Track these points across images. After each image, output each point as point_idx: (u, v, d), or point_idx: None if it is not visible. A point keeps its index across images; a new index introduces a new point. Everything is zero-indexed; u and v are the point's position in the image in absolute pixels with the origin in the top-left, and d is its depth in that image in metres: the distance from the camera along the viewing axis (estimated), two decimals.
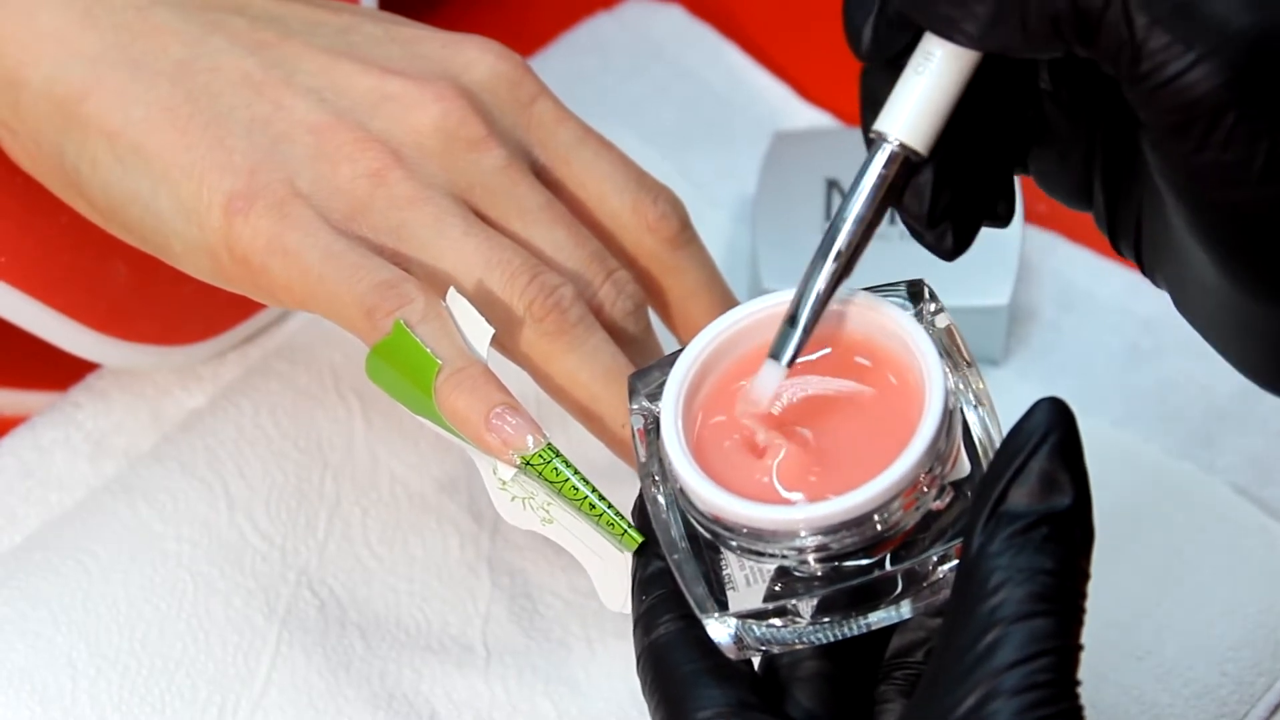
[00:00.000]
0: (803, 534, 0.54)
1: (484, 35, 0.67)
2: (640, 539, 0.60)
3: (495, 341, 0.61)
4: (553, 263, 0.64)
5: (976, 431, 0.56)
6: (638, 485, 0.68)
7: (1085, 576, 0.51)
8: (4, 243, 0.69)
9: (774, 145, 0.81)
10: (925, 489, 0.54)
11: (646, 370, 0.58)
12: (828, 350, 0.57)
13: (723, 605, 0.55)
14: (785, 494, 0.55)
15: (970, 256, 0.77)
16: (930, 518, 0.55)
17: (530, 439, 0.59)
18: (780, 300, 0.57)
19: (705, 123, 0.87)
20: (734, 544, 0.55)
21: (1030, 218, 0.81)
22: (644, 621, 0.57)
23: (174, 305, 0.73)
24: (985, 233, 0.78)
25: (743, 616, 0.55)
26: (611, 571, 0.61)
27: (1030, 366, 0.78)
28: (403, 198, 0.62)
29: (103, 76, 0.63)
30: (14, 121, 0.65)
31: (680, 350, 0.58)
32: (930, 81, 0.53)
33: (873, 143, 0.54)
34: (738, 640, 0.55)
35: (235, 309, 0.75)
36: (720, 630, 0.55)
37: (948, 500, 0.55)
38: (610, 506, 0.60)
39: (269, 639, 0.70)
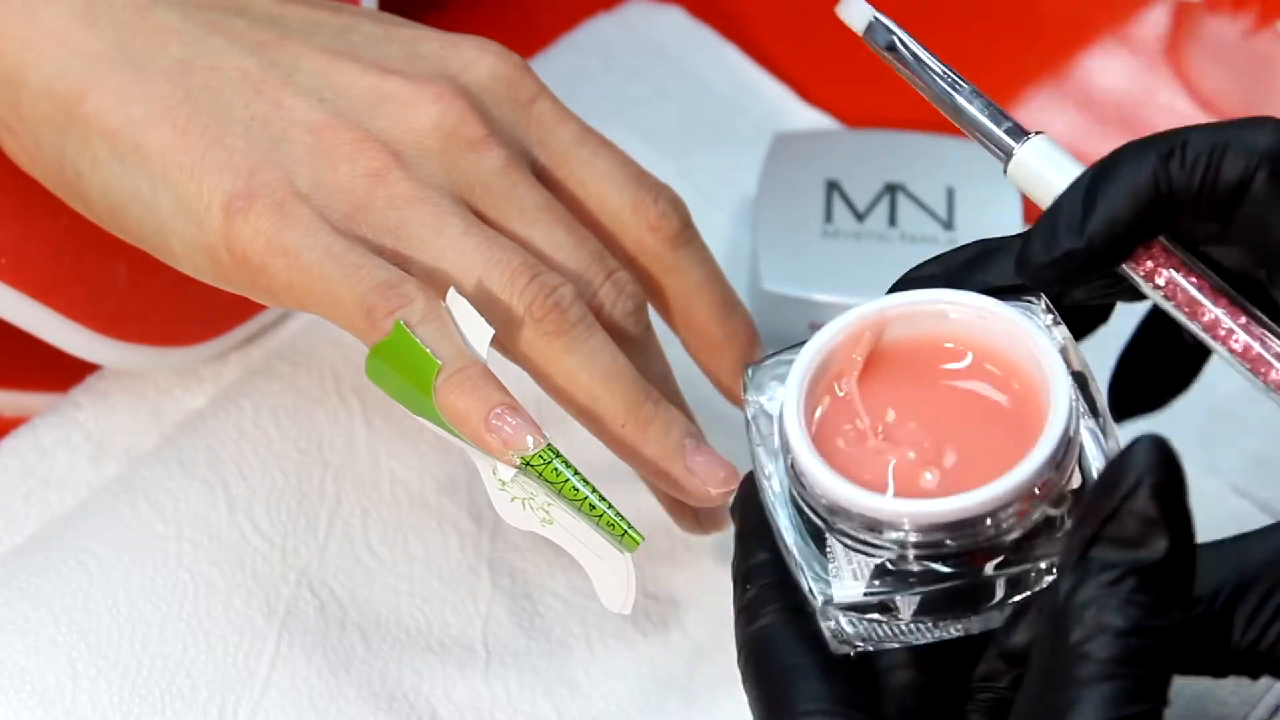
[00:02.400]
0: (913, 530, 0.54)
1: (484, 36, 0.67)
2: (641, 539, 0.60)
3: (495, 342, 0.61)
4: (552, 263, 0.64)
5: (1091, 447, 0.56)
6: (638, 485, 0.68)
7: (1172, 634, 0.49)
8: (4, 243, 0.69)
9: (774, 146, 0.81)
10: (1039, 499, 0.54)
11: (764, 360, 0.59)
12: (955, 348, 0.57)
13: (828, 597, 0.55)
14: (900, 489, 0.55)
15: None
16: (1040, 528, 0.55)
17: (530, 439, 0.59)
18: (926, 297, 0.57)
19: (706, 124, 0.87)
20: (843, 533, 0.55)
21: (1031, 219, 0.81)
22: (746, 613, 0.56)
23: (174, 306, 0.73)
24: (986, 234, 0.78)
25: (846, 609, 0.55)
26: (612, 572, 0.61)
27: None
28: (402, 197, 0.62)
29: (102, 76, 0.63)
30: (14, 121, 0.65)
31: (803, 342, 0.58)
32: None
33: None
34: (837, 634, 0.55)
35: (235, 310, 0.75)
36: (823, 622, 0.55)
37: (1060, 512, 0.55)
38: (610, 507, 0.60)
39: (269, 639, 0.70)
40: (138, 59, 0.63)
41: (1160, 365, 0.66)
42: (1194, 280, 0.58)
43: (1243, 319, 0.58)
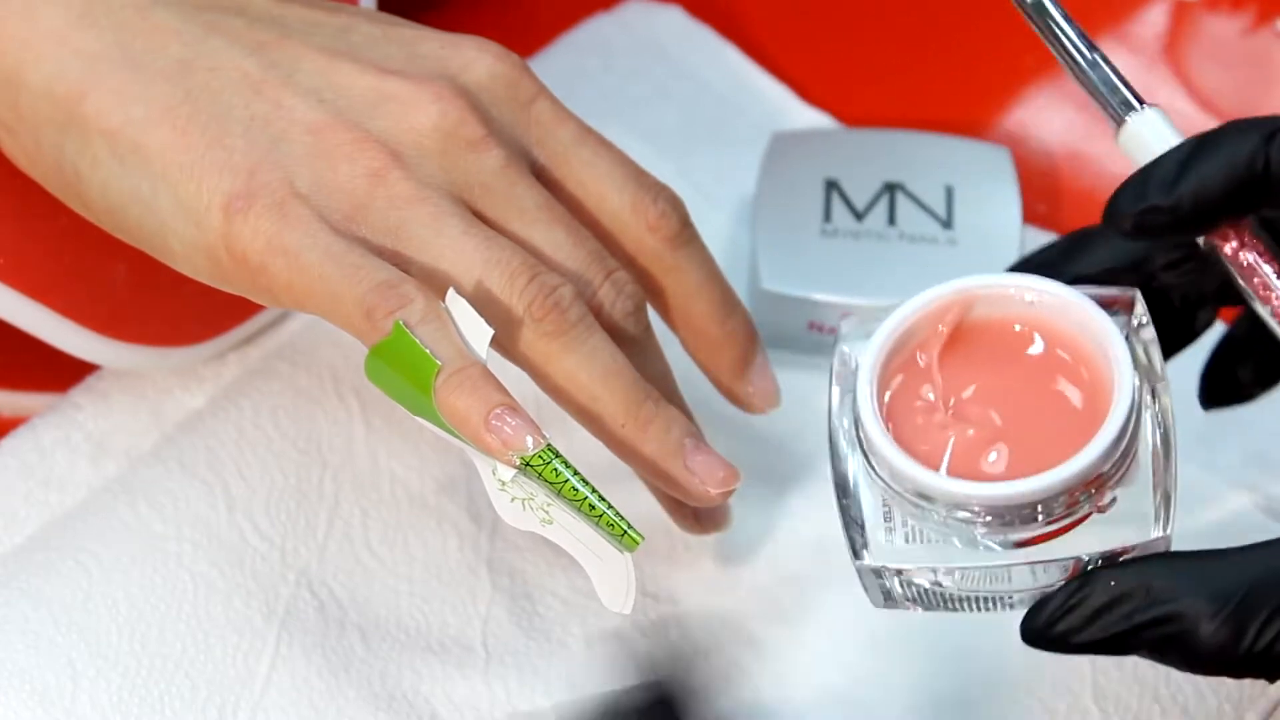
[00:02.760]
0: (965, 508, 0.56)
1: (484, 36, 0.67)
2: (641, 539, 0.60)
3: (494, 342, 0.61)
4: (552, 262, 0.64)
5: (1151, 445, 0.58)
6: (638, 485, 0.68)
7: None
8: (3, 243, 0.69)
9: (773, 145, 0.81)
10: (1093, 492, 0.56)
11: (857, 316, 0.61)
12: (1030, 333, 0.59)
13: (874, 553, 0.58)
14: (956, 466, 0.57)
15: (970, 256, 0.77)
16: (1090, 519, 0.57)
17: (530, 440, 0.59)
18: (1010, 281, 0.59)
19: (705, 123, 0.87)
20: (903, 499, 0.57)
21: (1030, 218, 0.81)
22: None
23: (174, 307, 0.73)
24: (985, 233, 0.79)
25: (890, 572, 0.58)
26: (612, 572, 0.61)
27: None
28: (401, 197, 0.62)
29: (102, 76, 0.63)
30: (13, 121, 0.65)
31: (894, 308, 0.60)
32: None
33: None
34: (886, 592, 0.58)
35: (235, 310, 0.75)
36: (871, 575, 0.58)
37: (1110, 505, 0.57)
38: (610, 507, 0.60)
39: (269, 640, 0.70)
40: (137, 59, 0.63)
41: (1253, 359, 0.67)
42: (1275, 267, 0.59)
43: None
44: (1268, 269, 0.60)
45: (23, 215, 0.69)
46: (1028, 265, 0.64)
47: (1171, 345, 0.64)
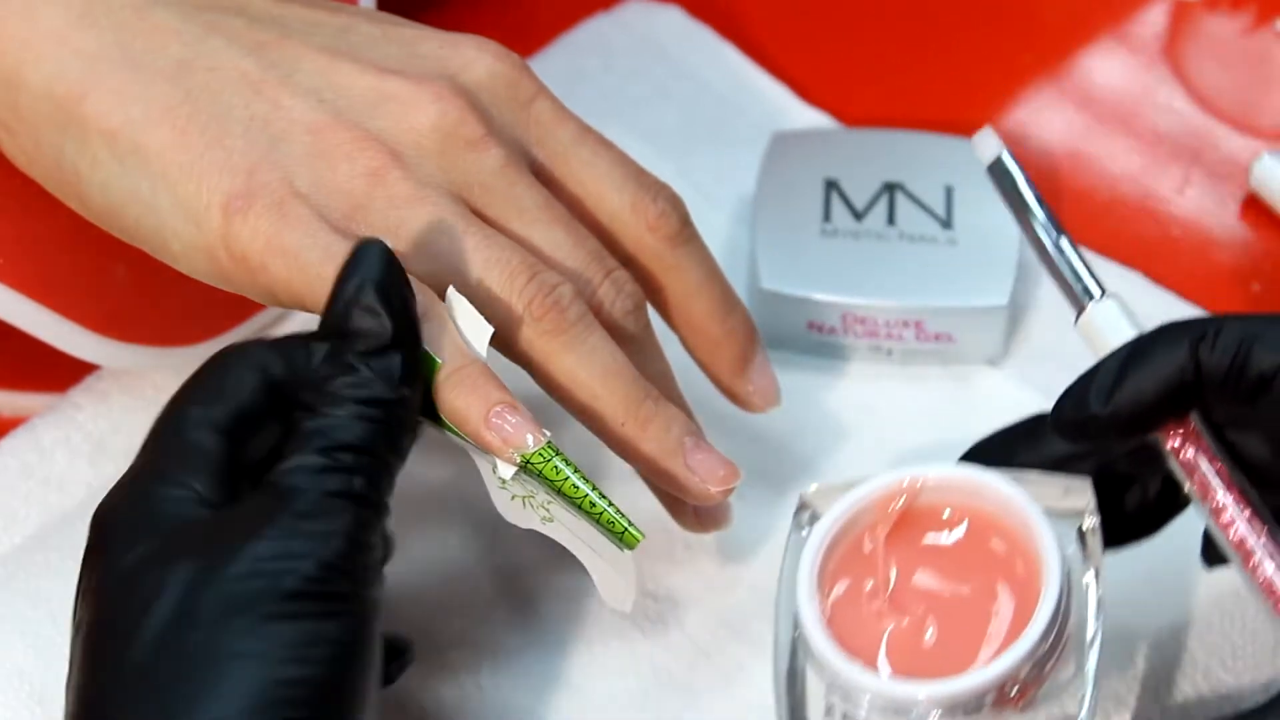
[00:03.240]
0: (882, 703, 0.58)
1: (483, 36, 0.67)
2: (641, 537, 0.60)
3: (494, 341, 0.61)
4: (551, 262, 0.64)
5: (1082, 632, 0.60)
6: (638, 483, 0.68)
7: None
8: (3, 244, 0.69)
9: (772, 145, 0.81)
10: (1014, 691, 0.58)
11: (816, 489, 0.63)
12: (966, 524, 0.61)
13: None
14: (892, 654, 0.59)
15: (969, 256, 0.77)
16: (1029, 697, 0.58)
17: (530, 437, 0.59)
18: (958, 472, 0.62)
19: (705, 123, 0.87)
20: (830, 687, 0.59)
21: None
22: None
23: (173, 307, 0.73)
24: (984, 233, 0.78)
25: None
26: (613, 570, 0.61)
27: (1029, 367, 0.78)
28: (401, 197, 0.62)
29: (102, 76, 0.63)
30: (12, 122, 0.65)
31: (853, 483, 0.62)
32: None
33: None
34: None
35: (235, 310, 0.75)
36: None
37: (1043, 689, 0.59)
38: (611, 505, 0.60)
39: None
40: (137, 59, 0.63)
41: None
42: (1214, 466, 0.61)
43: (1248, 512, 0.61)
44: (1206, 467, 0.62)
45: (23, 215, 0.69)
46: (987, 445, 0.65)
47: (1143, 526, 0.65)
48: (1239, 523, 0.61)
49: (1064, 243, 0.64)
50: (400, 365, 0.58)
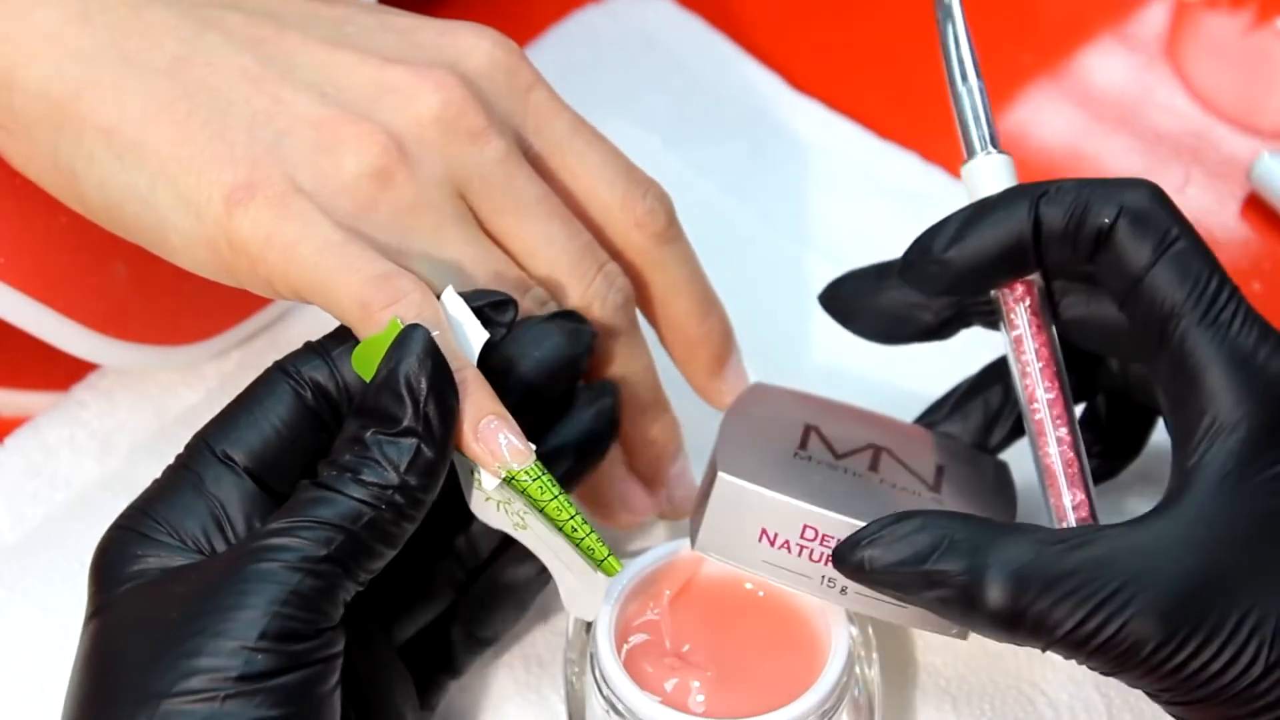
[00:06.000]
0: None
1: None
2: (620, 566, 0.60)
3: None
4: (547, 254, 0.65)
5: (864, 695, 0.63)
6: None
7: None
8: (3, 244, 0.69)
9: (748, 392, 0.70)
10: None
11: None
12: (753, 590, 0.64)
13: None
14: (671, 704, 0.61)
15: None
16: None
17: (518, 454, 0.59)
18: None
19: (695, 113, 0.87)
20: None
21: None
22: None
23: (174, 305, 0.73)
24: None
25: None
26: (580, 583, 0.61)
27: None
28: (405, 204, 0.62)
29: (98, 74, 0.63)
30: (9, 122, 0.64)
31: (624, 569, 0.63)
32: None
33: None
34: None
35: (235, 308, 0.75)
36: None
37: None
38: (592, 533, 0.59)
39: None
40: (133, 57, 0.63)
41: (1109, 439, 0.71)
42: (1035, 324, 0.63)
43: (1054, 392, 0.63)
44: (1027, 330, 0.63)
45: (22, 215, 0.69)
46: (840, 285, 0.68)
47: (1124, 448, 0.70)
48: (1038, 391, 0.63)
49: (976, 88, 0.65)
50: (410, 452, 0.57)
